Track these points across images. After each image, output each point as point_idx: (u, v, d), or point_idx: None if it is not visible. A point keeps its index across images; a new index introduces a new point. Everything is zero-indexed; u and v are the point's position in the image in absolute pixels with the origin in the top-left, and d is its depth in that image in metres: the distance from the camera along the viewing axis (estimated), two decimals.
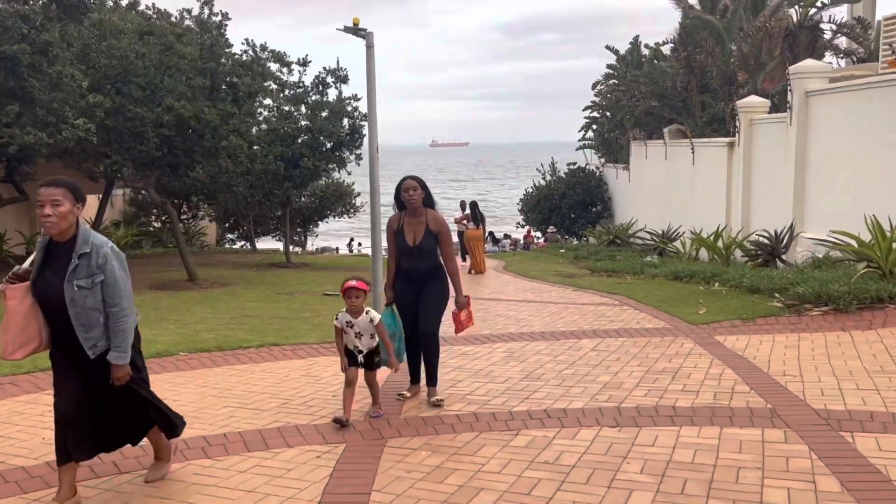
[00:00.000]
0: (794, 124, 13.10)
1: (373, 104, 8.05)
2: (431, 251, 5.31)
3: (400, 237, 5.35)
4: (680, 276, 12.97)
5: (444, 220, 5.40)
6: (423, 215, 5.34)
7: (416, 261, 5.30)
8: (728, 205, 16.57)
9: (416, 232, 5.32)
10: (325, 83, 16.43)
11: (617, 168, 28.45)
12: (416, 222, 5.35)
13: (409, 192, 5.30)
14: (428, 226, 5.33)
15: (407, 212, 5.38)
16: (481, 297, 11.79)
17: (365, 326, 4.84)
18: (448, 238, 5.40)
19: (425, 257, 5.30)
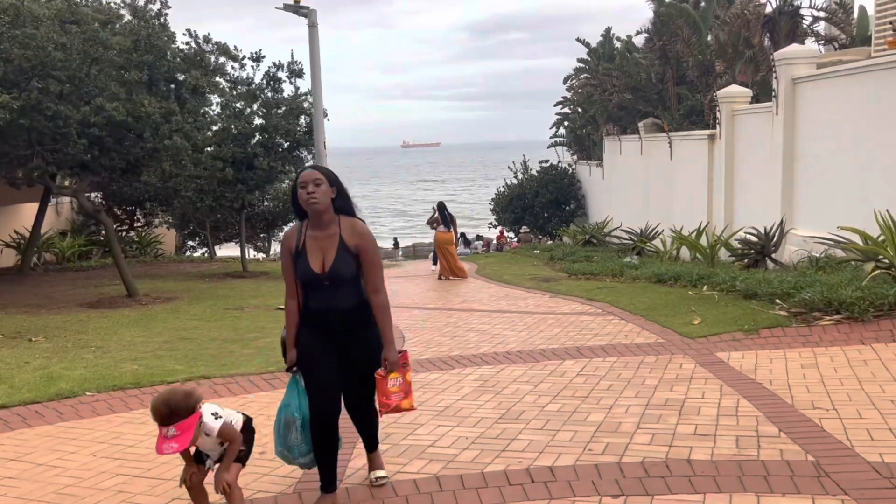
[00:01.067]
0: (781, 114, 12.25)
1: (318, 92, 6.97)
2: (351, 279, 3.57)
3: (301, 261, 3.57)
4: (664, 278, 12.06)
5: (367, 232, 3.67)
6: (335, 224, 3.62)
7: (330, 295, 3.55)
8: (709, 201, 15.73)
9: (325, 250, 3.57)
10: (276, 79, 15.25)
11: (590, 165, 27.61)
12: (324, 236, 3.59)
13: (307, 189, 3.52)
14: (343, 240, 3.58)
15: (309, 221, 3.64)
16: (452, 308, 10.75)
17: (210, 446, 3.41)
18: (374, 257, 3.64)
19: (343, 289, 3.56)
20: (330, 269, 3.55)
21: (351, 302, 3.60)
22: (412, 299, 11.97)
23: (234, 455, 3.36)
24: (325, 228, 3.61)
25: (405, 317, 10.02)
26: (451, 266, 15.52)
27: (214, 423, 3.31)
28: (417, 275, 16.85)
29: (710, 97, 16.29)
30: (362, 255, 3.60)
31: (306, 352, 3.62)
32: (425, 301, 11.73)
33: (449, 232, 15.66)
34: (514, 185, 30.24)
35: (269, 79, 15.39)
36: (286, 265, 3.67)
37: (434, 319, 9.71)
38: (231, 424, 3.39)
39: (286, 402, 3.64)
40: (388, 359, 3.61)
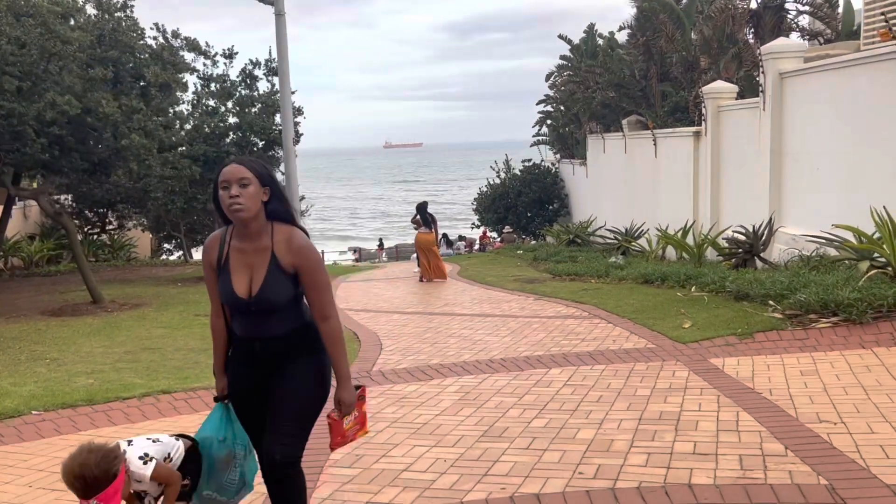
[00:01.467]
0: (768, 109, 11.98)
1: (286, 86, 6.55)
2: (285, 305, 2.82)
3: (223, 279, 2.85)
4: (650, 278, 11.73)
5: (307, 246, 2.85)
6: (267, 236, 2.82)
7: (257, 323, 2.84)
8: (695, 199, 15.45)
9: (252, 268, 2.81)
10: (252, 76, 14.78)
11: (573, 164, 27.33)
12: (252, 250, 2.82)
13: (230, 191, 2.73)
14: (275, 257, 2.79)
15: (234, 228, 2.87)
16: (432, 312, 10.35)
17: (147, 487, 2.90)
18: (317, 278, 2.84)
19: (274, 317, 2.83)
20: (257, 293, 2.77)
21: (282, 329, 2.85)
22: (392, 303, 11.56)
23: (174, 498, 2.92)
24: (253, 240, 2.81)
25: (384, 322, 9.61)
26: (433, 267, 15.13)
27: (144, 470, 2.81)
28: (399, 277, 16.44)
29: (695, 93, 16.02)
30: (302, 277, 2.81)
31: (235, 381, 3.01)
32: (405, 305, 11.33)
33: (430, 233, 15.27)
34: (497, 184, 29.89)
35: (244, 76, 14.94)
36: (209, 281, 2.96)
37: (414, 324, 9.30)
38: (167, 463, 2.95)
39: (218, 434, 3.04)
40: (344, 400, 2.90)
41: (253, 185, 2.76)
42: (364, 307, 11.18)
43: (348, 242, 50.51)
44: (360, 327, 9.19)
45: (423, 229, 15.28)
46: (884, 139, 9.11)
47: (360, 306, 11.29)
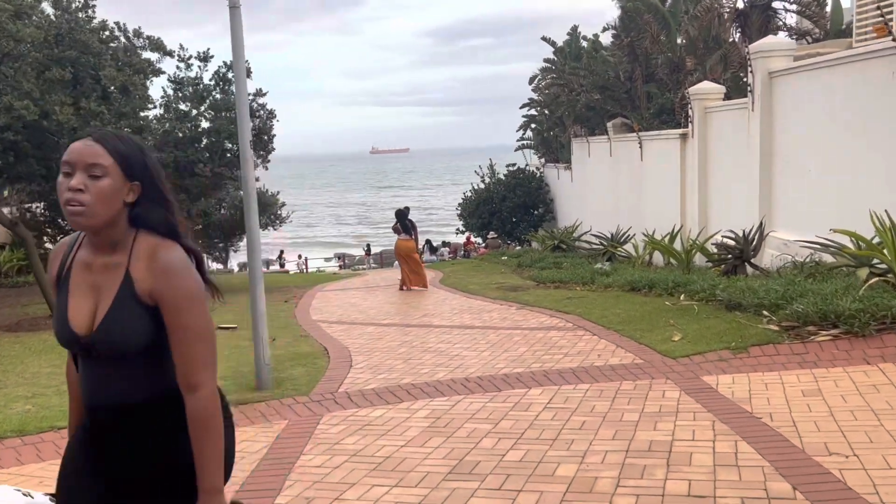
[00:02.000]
0: (758, 109, 11.58)
1: (241, 81, 6.04)
2: (140, 354, 1.89)
3: (59, 301, 1.94)
4: (637, 286, 11.29)
5: (177, 266, 1.87)
6: (125, 248, 1.90)
7: (100, 380, 1.92)
8: (682, 203, 15.05)
9: (99, 291, 1.91)
10: (226, 79, 14.24)
11: (558, 168, 26.94)
12: (101, 265, 1.92)
13: (70, 180, 1.83)
14: (129, 277, 1.88)
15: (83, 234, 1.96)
16: (409, 324, 9.84)
17: None
18: (189, 320, 1.87)
19: (124, 370, 1.90)
20: (97, 329, 1.87)
21: (140, 393, 1.91)
22: (368, 314, 11.04)
23: None
24: (105, 252, 1.90)
25: (357, 335, 9.09)
26: (414, 275, 14.64)
27: None
28: (379, 285, 15.92)
29: (681, 95, 15.64)
30: (164, 315, 1.86)
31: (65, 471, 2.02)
32: (382, 315, 10.82)
33: (410, 239, 14.78)
34: (482, 189, 29.45)
35: (218, 79, 14.40)
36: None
37: (389, 338, 8.80)
38: None
39: None
40: None
41: (110, 176, 1.83)
42: (339, 318, 10.66)
43: (334, 249, 50.01)
44: (332, 341, 8.67)
45: (403, 236, 14.80)
46: (880, 139, 8.72)
47: (334, 317, 10.77)
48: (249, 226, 6.14)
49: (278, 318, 10.88)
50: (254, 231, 6.14)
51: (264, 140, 14.53)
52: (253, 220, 6.11)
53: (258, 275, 6.21)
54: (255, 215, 6.12)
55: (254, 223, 6.13)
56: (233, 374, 6.90)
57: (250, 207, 6.08)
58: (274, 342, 8.75)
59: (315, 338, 9.02)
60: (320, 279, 18.55)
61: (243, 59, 5.96)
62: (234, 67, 5.96)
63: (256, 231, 6.18)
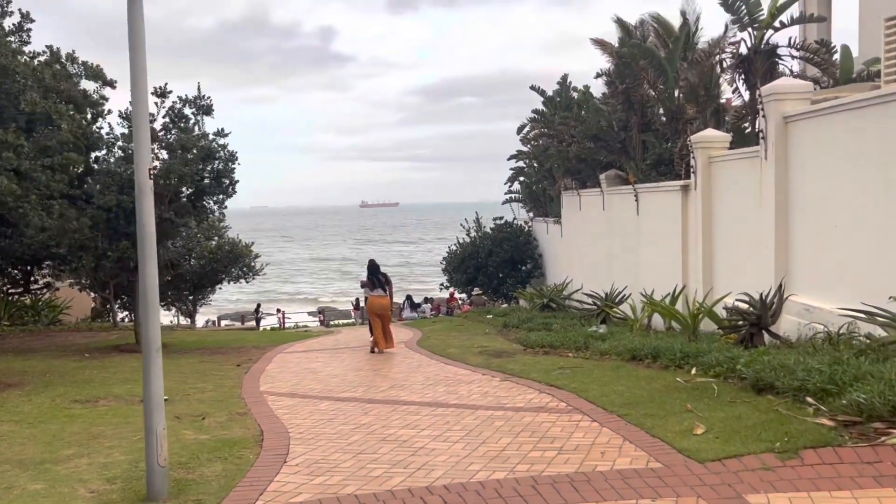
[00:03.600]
0: (772, 158, 10.34)
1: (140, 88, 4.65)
2: None
3: None
4: (639, 355, 9.85)
5: None
6: None
7: None
8: (684, 261, 13.70)
9: None
10: (181, 115, 12.93)
11: (547, 222, 25.70)
12: None
13: None
14: None
15: None
16: (373, 399, 8.28)
17: None
18: None
19: None
20: None
21: None
22: (327, 384, 9.47)
23: None
24: None
25: (307, 413, 7.53)
26: (388, 335, 13.13)
27: None
28: (349, 346, 14.34)
29: (682, 143, 14.48)
30: None
31: None
32: (343, 387, 9.25)
33: (385, 296, 13.28)
34: (467, 243, 28.10)
35: (172, 115, 13.08)
36: None
37: (343, 417, 7.24)
38: None
39: None
40: None
41: None
42: (291, 390, 9.09)
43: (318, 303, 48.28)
44: (273, 422, 7.10)
45: (378, 292, 13.30)
46: None
47: (286, 388, 9.19)
48: (144, 279, 4.67)
49: (221, 387, 9.31)
50: (149, 287, 4.66)
51: (224, 184, 13.13)
52: (150, 268, 4.64)
53: (154, 345, 4.70)
54: (152, 264, 4.66)
55: (149, 274, 4.66)
56: (124, 476, 5.31)
57: (146, 254, 4.62)
58: (203, 421, 7.19)
59: (254, 416, 7.45)
60: (288, 337, 16.95)
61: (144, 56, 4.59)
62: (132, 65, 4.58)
63: (154, 287, 4.70)
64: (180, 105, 12.99)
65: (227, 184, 13.27)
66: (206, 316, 34.96)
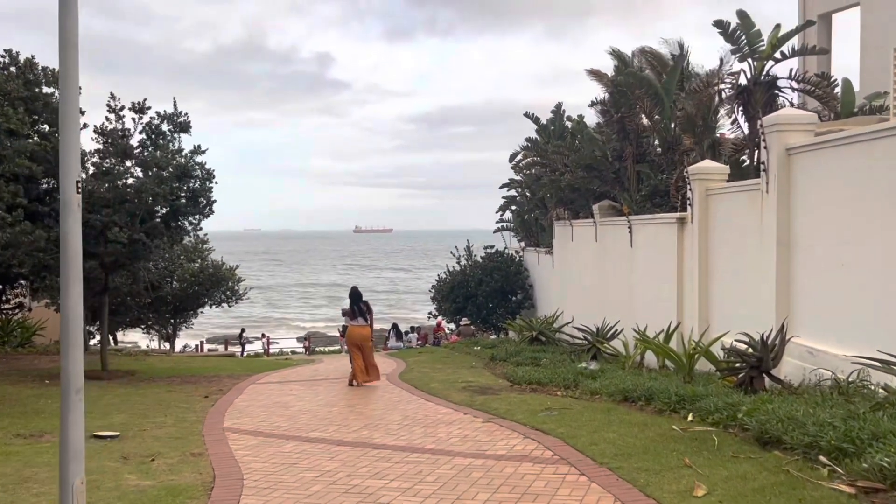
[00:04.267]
0: (773, 191, 9.85)
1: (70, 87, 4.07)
2: None
3: None
4: (632, 396, 9.25)
5: None
6: None
7: None
8: (680, 296, 13.15)
9: None
10: (158, 132, 12.39)
11: (539, 252, 25.18)
12: None
13: None
14: None
15: None
16: (342, 440, 7.62)
17: None
18: None
19: None
20: None
21: None
22: (296, 421, 8.80)
23: None
24: None
25: (268, 455, 6.86)
26: (371, 367, 12.48)
27: None
28: (328, 377, 13.66)
29: (678, 175, 14.01)
30: None
31: None
32: (312, 424, 8.58)
33: (366, 326, 12.64)
34: (457, 271, 27.52)
35: (150, 132, 12.54)
36: None
37: (307, 462, 6.59)
38: None
39: None
40: None
41: None
42: (256, 426, 8.42)
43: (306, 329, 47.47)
44: (229, 466, 6.44)
45: (359, 321, 12.65)
46: None
47: (251, 425, 8.52)
48: (65, 307, 4.05)
49: (182, 421, 8.63)
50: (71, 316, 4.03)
51: (201, 203, 12.54)
52: (73, 294, 4.02)
53: (73, 386, 4.08)
54: (76, 289, 4.04)
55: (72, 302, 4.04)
56: None
57: (69, 278, 4.00)
58: (152, 463, 6.51)
59: (210, 457, 6.78)
60: (266, 366, 16.25)
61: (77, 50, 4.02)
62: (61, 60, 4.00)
63: (76, 317, 4.07)
64: (158, 121, 12.47)
65: (203, 203, 12.70)
66: (187, 340, 34.15)
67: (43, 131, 9.87)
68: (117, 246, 11.07)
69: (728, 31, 13.50)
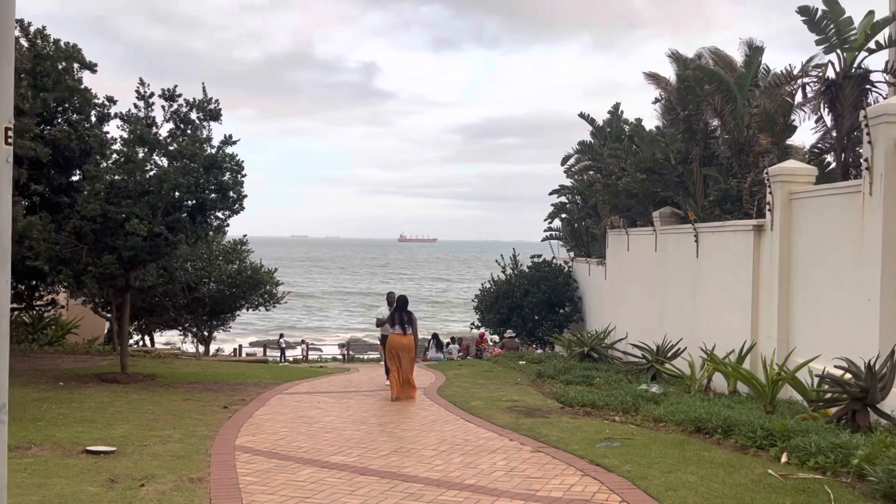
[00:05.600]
0: (879, 193, 8.44)
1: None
2: None
3: None
4: (705, 427, 7.99)
5: None
6: None
7: None
8: (755, 313, 11.72)
9: None
10: (186, 120, 11.54)
11: (590, 262, 23.79)
12: None
13: None
14: None
15: None
16: (368, 468, 6.50)
17: None
18: None
19: None
20: None
21: None
22: (318, 441, 7.72)
23: None
24: None
25: (276, 486, 5.78)
26: (404, 381, 11.37)
27: None
28: (360, 390, 12.59)
29: (753, 178, 12.60)
30: None
31: None
32: (336, 446, 7.49)
33: (407, 335, 11.51)
34: (502, 280, 26.27)
35: (178, 119, 11.71)
36: None
37: (322, 496, 5.49)
38: None
39: None
40: None
41: None
42: (272, 446, 7.36)
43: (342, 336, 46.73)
44: (230, 496, 5.38)
45: (397, 329, 11.55)
46: None
47: (267, 444, 7.47)
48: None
49: (191, 436, 7.63)
50: None
51: (230, 198, 11.63)
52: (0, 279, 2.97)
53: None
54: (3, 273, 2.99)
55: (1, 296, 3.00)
56: None
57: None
58: (141, 489, 5.49)
59: (211, 483, 5.74)
60: (297, 374, 15.28)
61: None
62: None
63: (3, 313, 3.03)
64: (186, 108, 11.63)
65: (233, 198, 11.79)
66: (223, 344, 33.58)
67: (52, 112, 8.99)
68: (136, 239, 10.20)
69: (814, 18, 12.07)
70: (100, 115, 12.31)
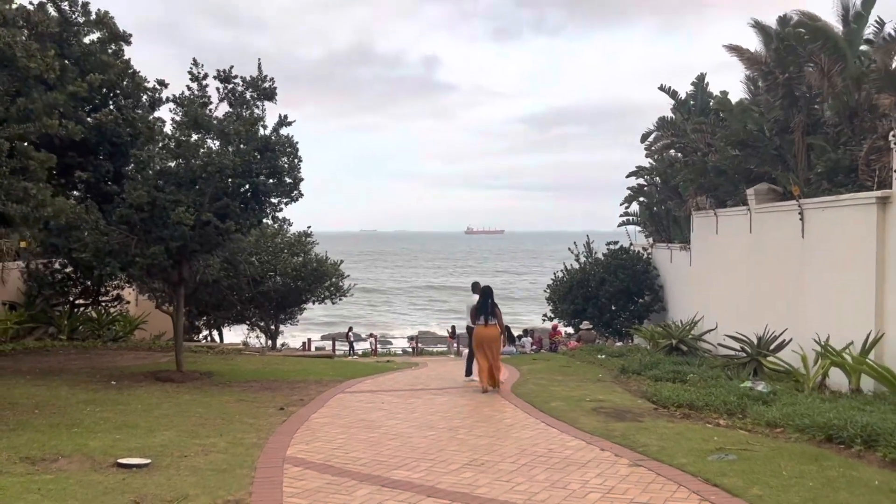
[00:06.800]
0: None
1: None
2: None
3: None
4: (840, 436, 6.67)
5: None
6: None
7: None
8: (880, 299, 10.15)
9: None
10: (241, 99, 10.77)
11: (671, 248, 22.18)
12: None
13: None
14: None
15: None
16: (436, 487, 5.47)
17: None
18: None
19: None
20: None
21: None
22: (379, 449, 6.74)
23: None
24: None
25: None
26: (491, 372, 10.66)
27: None
28: (427, 387, 11.59)
29: (871, 144, 10.96)
30: None
31: None
32: (399, 455, 6.49)
33: (493, 326, 10.82)
34: (576, 269, 24.90)
35: (232, 99, 10.95)
36: None
37: None
38: None
39: None
40: None
41: None
42: (327, 457, 6.41)
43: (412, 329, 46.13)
44: None
45: (481, 320, 10.91)
46: None
47: (321, 454, 6.53)
48: None
49: (238, 444, 6.77)
50: None
51: (286, 183, 10.81)
52: None
53: None
54: None
55: None
56: None
57: None
58: None
59: None
60: (362, 370, 14.42)
61: None
62: None
63: None
64: (241, 87, 10.86)
65: (289, 184, 10.96)
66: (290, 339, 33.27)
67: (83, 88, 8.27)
68: (183, 228, 9.46)
69: None
70: (151, 99, 11.72)
